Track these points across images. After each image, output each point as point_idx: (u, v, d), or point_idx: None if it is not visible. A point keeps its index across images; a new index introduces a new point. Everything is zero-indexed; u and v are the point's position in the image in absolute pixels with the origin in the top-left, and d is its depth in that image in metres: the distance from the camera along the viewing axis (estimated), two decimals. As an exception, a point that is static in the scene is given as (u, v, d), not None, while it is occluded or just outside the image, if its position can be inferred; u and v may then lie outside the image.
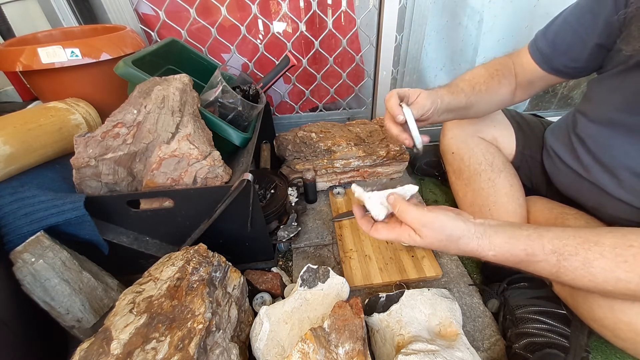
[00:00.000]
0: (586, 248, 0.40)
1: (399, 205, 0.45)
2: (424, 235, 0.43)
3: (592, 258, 0.40)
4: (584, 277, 0.41)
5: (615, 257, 0.39)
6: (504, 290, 0.61)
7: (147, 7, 0.90)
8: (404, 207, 0.45)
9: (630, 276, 0.38)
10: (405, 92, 0.56)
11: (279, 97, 1.13)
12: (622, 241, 0.40)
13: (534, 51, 0.60)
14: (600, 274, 0.40)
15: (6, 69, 0.69)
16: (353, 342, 0.46)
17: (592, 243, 0.41)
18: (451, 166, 0.76)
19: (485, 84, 0.61)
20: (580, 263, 0.40)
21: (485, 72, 0.63)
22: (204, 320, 0.44)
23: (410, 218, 0.44)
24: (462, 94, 0.59)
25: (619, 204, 0.53)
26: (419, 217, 0.43)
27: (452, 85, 0.61)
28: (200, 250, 0.55)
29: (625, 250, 0.39)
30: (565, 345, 0.51)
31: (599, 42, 0.52)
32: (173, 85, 0.58)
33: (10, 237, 0.51)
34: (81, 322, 0.53)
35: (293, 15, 0.98)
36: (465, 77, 0.63)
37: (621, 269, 0.39)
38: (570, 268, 0.41)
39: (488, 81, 0.62)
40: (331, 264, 0.75)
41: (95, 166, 0.55)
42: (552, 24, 0.58)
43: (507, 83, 0.63)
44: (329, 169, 0.93)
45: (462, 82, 0.61)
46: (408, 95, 0.55)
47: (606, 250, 0.40)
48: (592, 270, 0.40)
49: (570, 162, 0.61)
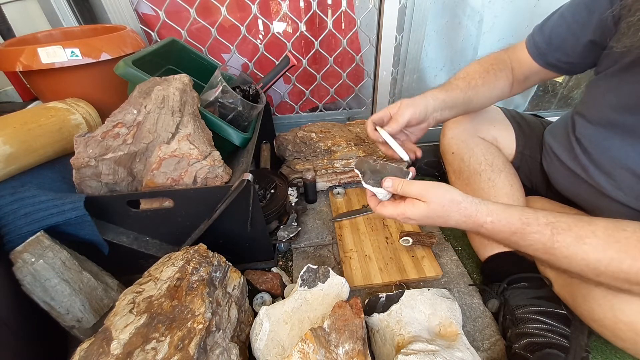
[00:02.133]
0: (579, 226, 0.41)
1: (400, 183, 0.48)
2: (429, 200, 0.45)
3: (584, 235, 0.41)
4: (577, 255, 0.41)
5: (607, 237, 0.40)
6: (504, 290, 0.61)
7: (147, 7, 0.90)
8: (407, 182, 0.48)
9: (623, 256, 0.39)
10: (382, 115, 0.59)
11: (279, 97, 1.13)
12: (615, 225, 0.41)
13: (531, 45, 0.61)
14: (592, 251, 0.40)
15: (6, 69, 0.69)
16: (353, 342, 0.46)
17: (585, 222, 0.42)
18: (451, 166, 0.76)
19: (482, 78, 0.62)
20: (573, 239, 0.41)
21: (480, 67, 0.63)
22: (204, 320, 0.44)
23: (416, 188, 0.47)
24: (457, 90, 0.60)
25: (616, 205, 0.53)
26: (423, 184, 0.47)
27: (446, 84, 0.62)
28: (200, 250, 0.55)
29: (617, 233, 0.40)
30: (565, 345, 0.51)
31: (593, 38, 0.52)
32: (173, 85, 0.58)
33: (10, 237, 0.51)
34: (81, 322, 0.53)
35: (293, 15, 0.98)
36: (460, 75, 0.63)
37: (613, 249, 0.39)
38: (564, 243, 0.41)
39: (484, 75, 0.62)
40: (331, 264, 0.75)
41: (95, 166, 0.55)
42: (549, 19, 0.59)
43: (504, 76, 0.63)
44: (329, 169, 0.93)
45: (456, 80, 0.62)
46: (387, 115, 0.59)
47: (599, 230, 0.40)
48: (585, 247, 0.40)
49: (568, 163, 0.61)
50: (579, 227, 0.41)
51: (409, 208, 0.47)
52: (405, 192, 0.48)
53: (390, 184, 0.49)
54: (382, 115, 0.59)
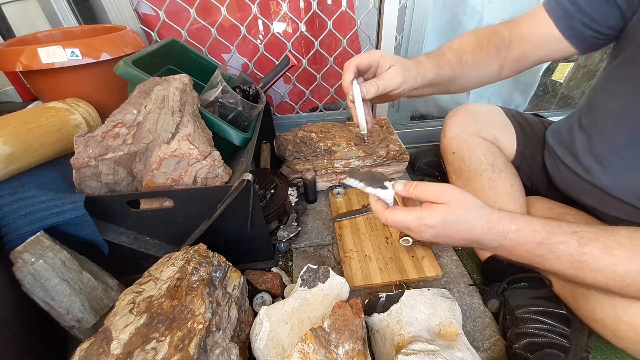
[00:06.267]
0: (604, 236, 0.39)
1: (412, 185, 0.43)
2: (449, 201, 0.40)
3: (612, 246, 0.38)
4: (606, 268, 0.38)
5: (633, 247, 0.38)
6: (504, 290, 0.61)
7: (147, 7, 0.90)
8: (420, 183, 0.43)
9: None
10: (371, 63, 0.50)
11: (279, 97, 1.13)
12: (637, 234, 0.39)
13: (552, 7, 0.53)
14: (621, 263, 0.38)
15: (6, 69, 0.69)
16: (353, 342, 0.46)
17: (608, 232, 0.39)
18: (452, 166, 0.76)
19: (473, 53, 0.56)
20: (601, 250, 0.38)
21: (475, 40, 0.57)
22: (204, 320, 0.43)
23: (434, 189, 0.42)
24: (447, 66, 0.54)
25: (620, 204, 0.53)
26: (441, 186, 0.42)
27: (439, 55, 0.55)
28: (200, 250, 0.55)
29: None
30: (565, 345, 0.51)
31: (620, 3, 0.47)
32: (173, 85, 0.58)
33: (10, 237, 0.51)
34: (81, 322, 0.53)
35: (293, 15, 0.98)
36: (453, 45, 0.57)
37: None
38: (592, 255, 0.38)
39: (476, 51, 0.56)
40: (331, 264, 0.75)
41: (95, 166, 0.55)
42: None
43: (496, 54, 0.57)
44: (329, 169, 0.93)
45: (449, 52, 0.56)
46: (376, 66, 0.50)
47: (624, 240, 0.38)
48: (614, 258, 0.38)
49: (571, 164, 0.61)
50: (605, 237, 0.39)
51: (428, 213, 0.40)
52: (420, 194, 0.42)
53: (402, 186, 0.44)
54: (369, 62, 0.50)
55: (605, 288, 0.41)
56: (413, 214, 0.42)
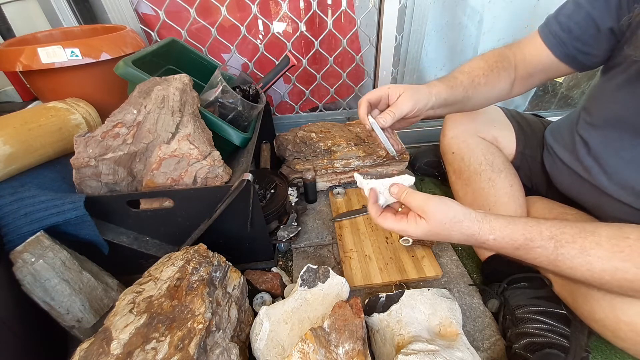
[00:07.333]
0: (583, 237, 0.41)
1: (404, 191, 0.48)
2: (430, 218, 0.44)
3: (588, 246, 0.41)
4: (581, 266, 0.41)
5: (611, 247, 0.40)
6: (504, 290, 0.61)
7: (147, 7, 0.90)
8: (410, 192, 0.47)
9: (627, 266, 0.39)
10: (381, 95, 0.54)
11: (279, 97, 1.13)
12: (618, 233, 0.41)
13: (547, 35, 0.57)
14: (597, 262, 0.40)
15: (6, 69, 0.69)
16: (353, 342, 0.46)
17: (588, 233, 0.42)
18: (451, 166, 0.76)
19: (485, 76, 0.59)
20: (577, 251, 0.41)
21: (485, 64, 0.60)
22: (204, 320, 0.43)
23: (417, 202, 0.46)
24: (460, 88, 0.58)
25: (619, 204, 0.53)
26: (426, 200, 0.45)
27: (451, 78, 0.59)
28: (200, 250, 0.55)
29: (621, 241, 0.40)
30: (565, 345, 0.51)
31: (612, 25, 0.50)
32: (173, 85, 0.58)
33: (10, 237, 0.51)
34: (81, 322, 0.53)
35: (293, 15, 0.98)
36: (464, 69, 0.60)
37: (617, 258, 0.39)
38: (568, 256, 0.41)
39: (488, 74, 0.59)
40: (331, 264, 0.75)
41: (95, 166, 0.55)
42: (563, 8, 0.56)
43: (506, 76, 0.61)
44: (329, 169, 0.93)
45: (461, 75, 0.59)
46: (386, 97, 0.54)
47: (603, 240, 0.40)
48: (589, 258, 0.40)
49: (570, 163, 0.61)
50: (583, 238, 0.41)
51: (412, 226, 0.46)
52: (406, 202, 0.47)
53: (397, 190, 0.48)
54: (379, 94, 0.54)
55: (586, 282, 0.43)
56: (400, 225, 0.47)
